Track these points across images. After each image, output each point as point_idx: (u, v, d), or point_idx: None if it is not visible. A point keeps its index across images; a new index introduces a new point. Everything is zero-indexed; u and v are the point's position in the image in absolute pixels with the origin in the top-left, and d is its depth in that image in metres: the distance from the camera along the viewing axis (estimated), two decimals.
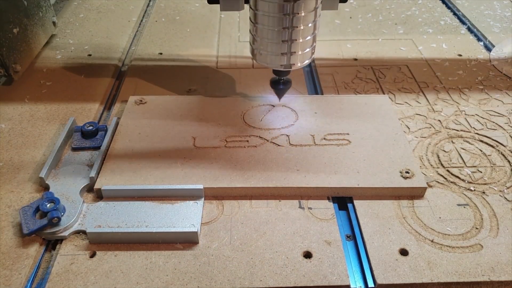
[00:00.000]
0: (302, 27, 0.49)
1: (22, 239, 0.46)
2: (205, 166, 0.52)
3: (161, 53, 0.79)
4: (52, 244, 0.46)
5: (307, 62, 0.54)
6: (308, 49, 0.52)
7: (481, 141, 0.58)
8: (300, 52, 0.52)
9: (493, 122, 0.61)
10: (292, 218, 0.48)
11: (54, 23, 0.82)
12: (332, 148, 0.55)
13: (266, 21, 0.50)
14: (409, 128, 0.60)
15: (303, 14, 0.48)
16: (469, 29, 0.87)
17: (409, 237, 0.45)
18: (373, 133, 0.57)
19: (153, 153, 0.54)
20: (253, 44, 0.53)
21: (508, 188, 0.51)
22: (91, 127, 0.57)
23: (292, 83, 0.59)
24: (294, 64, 0.52)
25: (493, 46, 0.80)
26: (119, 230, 0.45)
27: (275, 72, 0.56)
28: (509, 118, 0.62)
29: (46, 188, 0.51)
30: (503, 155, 0.56)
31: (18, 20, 0.70)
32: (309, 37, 0.51)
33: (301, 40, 0.50)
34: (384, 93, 0.68)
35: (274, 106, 0.62)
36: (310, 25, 0.50)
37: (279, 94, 0.60)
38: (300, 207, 0.49)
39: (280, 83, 0.58)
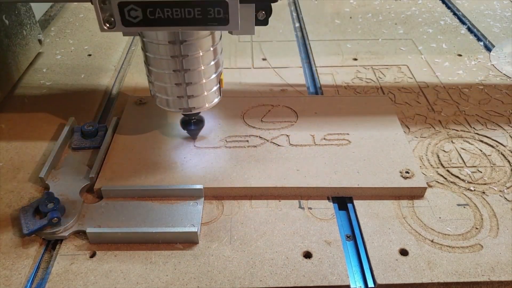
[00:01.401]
0: (198, 68, 0.46)
1: (22, 239, 0.46)
2: (205, 166, 0.52)
3: None
4: (52, 244, 0.46)
5: (213, 103, 0.50)
6: (211, 91, 0.49)
7: (481, 141, 0.58)
8: (200, 95, 0.48)
9: (493, 122, 0.61)
10: (292, 218, 0.48)
11: (40, 41, 0.77)
12: (332, 148, 0.55)
13: (156, 63, 0.46)
14: (409, 128, 0.60)
15: (197, 55, 0.45)
16: (469, 29, 0.87)
17: (409, 237, 0.45)
18: (373, 133, 0.57)
19: (153, 153, 0.54)
20: (151, 87, 0.50)
21: (508, 188, 0.51)
22: (91, 127, 0.57)
23: (292, 83, 0.59)
24: (194, 107, 0.49)
25: (493, 46, 0.80)
26: (119, 230, 0.45)
27: (185, 113, 0.52)
28: (509, 118, 0.62)
29: (46, 188, 0.51)
30: (503, 155, 0.56)
31: None
32: (211, 77, 0.47)
33: (197, 83, 0.47)
34: (384, 93, 0.68)
35: (273, 106, 0.62)
36: (208, 65, 0.46)
37: (193, 135, 0.56)
38: (300, 207, 0.49)
39: (191, 123, 0.54)
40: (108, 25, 0.39)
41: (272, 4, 0.44)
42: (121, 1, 0.38)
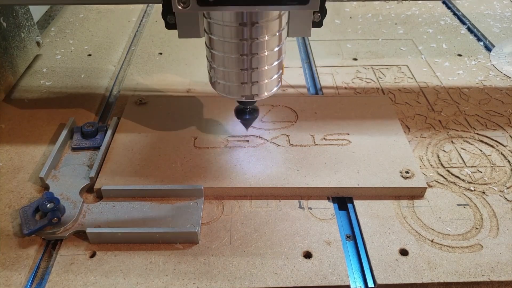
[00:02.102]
0: (264, 54, 0.44)
1: (22, 239, 0.46)
2: (205, 166, 0.52)
3: (161, 53, 0.79)
4: (52, 244, 0.46)
5: (273, 91, 0.48)
6: (274, 77, 0.47)
7: (481, 141, 0.58)
8: (263, 81, 0.46)
9: (493, 122, 0.61)
10: (292, 218, 0.48)
11: (38, 43, 0.76)
12: (332, 148, 0.55)
13: (222, 47, 0.44)
14: (409, 128, 0.60)
15: (265, 39, 0.43)
16: (469, 29, 0.87)
17: (409, 237, 0.45)
18: (373, 133, 0.57)
19: (153, 153, 0.54)
20: (211, 72, 0.48)
21: (508, 188, 0.51)
22: (91, 127, 0.57)
23: (292, 83, 0.59)
24: (257, 94, 0.47)
25: (493, 46, 0.80)
26: (119, 230, 0.45)
27: (240, 101, 0.51)
28: (509, 118, 0.62)
29: (46, 188, 0.51)
30: (503, 155, 0.56)
31: None
32: (273, 64, 0.46)
33: (263, 68, 0.45)
34: (384, 93, 0.68)
35: (273, 106, 0.62)
36: (274, 50, 0.44)
37: (246, 125, 0.55)
38: (300, 207, 0.49)
39: (245, 112, 0.52)
40: (182, 4, 0.38)
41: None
42: None
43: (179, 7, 0.37)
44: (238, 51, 0.43)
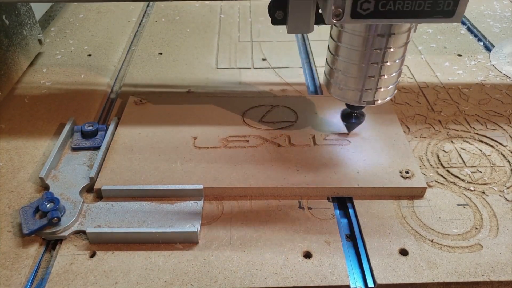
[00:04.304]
0: (391, 63, 0.46)
1: (22, 239, 0.46)
2: (205, 166, 0.52)
3: (161, 53, 0.79)
4: (52, 244, 0.46)
5: (389, 98, 0.50)
6: (392, 85, 0.48)
7: (481, 141, 0.58)
8: (384, 88, 0.48)
9: (493, 122, 0.61)
10: (292, 218, 0.48)
11: (40, 41, 0.76)
12: (332, 148, 0.55)
13: (351, 55, 0.45)
14: (409, 128, 0.60)
15: (397, 48, 0.45)
16: (469, 29, 0.87)
17: (409, 237, 0.45)
18: (373, 133, 0.57)
19: (153, 153, 0.54)
20: (331, 77, 0.49)
21: (508, 188, 0.51)
22: (91, 127, 0.57)
23: (292, 83, 0.59)
24: (377, 100, 0.49)
25: (493, 46, 0.80)
26: (119, 230, 0.45)
27: (349, 105, 0.52)
28: (509, 118, 0.62)
29: (46, 188, 0.51)
30: (503, 155, 0.56)
31: None
32: (395, 73, 0.48)
33: (388, 76, 0.47)
34: None
35: (274, 106, 0.62)
36: (398, 60, 0.46)
37: (350, 128, 0.56)
38: (300, 207, 0.49)
39: (352, 116, 0.54)
40: (336, 17, 0.39)
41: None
42: None
43: (333, 20, 0.39)
44: (369, 60, 0.45)
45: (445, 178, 0.53)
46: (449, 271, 0.42)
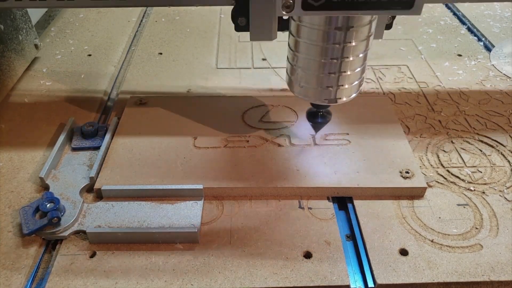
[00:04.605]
0: (353, 58, 0.43)
1: (22, 239, 0.46)
2: (205, 166, 0.52)
3: (161, 53, 0.79)
4: (52, 244, 0.46)
5: (353, 95, 0.48)
6: (356, 82, 0.46)
7: (481, 141, 0.58)
8: (348, 85, 0.46)
9: (493, 122, 0.61)
10: (292, 218, 0.48)
11: (36, 45, 0.75)
12: (332, 148, 0.55)
13: (310, 50, 0.43)
14: (409, 128, 0.60)
15: (357, 43, 0.42)
16: (469, 29, 0.87)
17: (409, 237, 0.45)
18: (373, 133, 0.57)
19: (153, 153, 0.54)
20: (292, 74, 0.47)
21: (508, 188, 0.51)
22: (91, 127, 0.57)
23: None
24: (340, 98, 0.46)
25: (493, 46, 0.80)
26: (119, 230, 0.45)
27: (314, 104, 0.50)
28: (509, 118, 0.62)
29: (46, 188, 0.51)
30: (503, 155, 0.56)
31: None
32: (359, 68, 0.45)
33: (350, 72, 0.44)
34: (384, 93, 0.68)
35: (274, 106, 0.62)
36: (361, 55, 0.44)
37: (316, 128, 0.54)
38: (300, 207, 0.49)
39: (318, 116, 0.52)
40: (286, 9, 0.37)
41: None
42: None
43: (283, 12, 0.37)
44: (328, 55, 0.43)
45: (445, 178, 0.53)
46: (449, 271, 0.42)
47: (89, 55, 0.79)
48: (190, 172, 0.52)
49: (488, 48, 0.80)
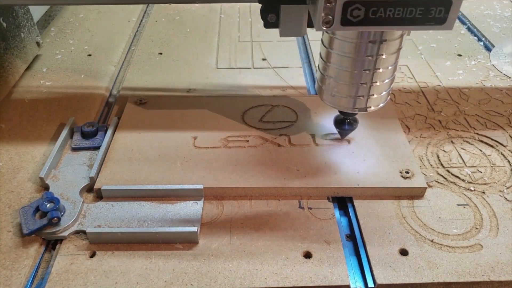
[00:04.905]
0: (384, 69, 0.45)
1: (22, 239, 0.46)
2: (205, 166, 0.52)
3: (161, 53, 0.79)
4: (52, 244, 0.46)
5: (382, 104, 0.49)
6: (385, 92, 0.48)
7: (481, 141, 0.58)
8: (377, 95, 0.47)
9: (493, 122, 0.61)
10: (292, 218, 0.48)
11: (38, 43, 0.75)
12: (332, 148, 0.55)
13: (343, 62, 0.45)
14: (409, 128, 0.60)
15: (389, 55, 0.44)
16: (469, 29, 0.87)
17: (409, 237, 0.45)
18: (373, 133, 0.57)
19: (153, 153, 0.54)
20: (323, 83, 0.49)
21: (508, 188, 0.51)
22: (91, 127, 0.57)
23: (292, 83, 0.59)
24: (370, 107, 0.48)
25: (493, 46, 0.80)
26: (119, 230, 0.45)
27: (342, 112, 0.51)
28: (509, 118, 0.62)
29: (46, 188, 0.51)
30: (503, 155, 0.56)
31: None
32: (388, 80, 0.47)
33: (380, 83, 0.46)
34: None
35: (274, 106, 0.62)
36: (391, 67, 0.46)
37: (343, 135, 0.56)
38: (300, 207, 0.49)
39: (345, 123, 0.53)
40: (326, 24, 0.38)
41: None
42: (347, 0, 0.37)
43: (324, 28, 0.38)
44: (362, 66, 0.44)
45: (445, 178, 0.53)
46: (449, 271, 0.42)
47: (89, 55, 0.79)
48: (190, 172, 0.52)
49: (488, 48, 0.80)
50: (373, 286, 0.42)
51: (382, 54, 0.44)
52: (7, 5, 0.66)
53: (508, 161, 0.55)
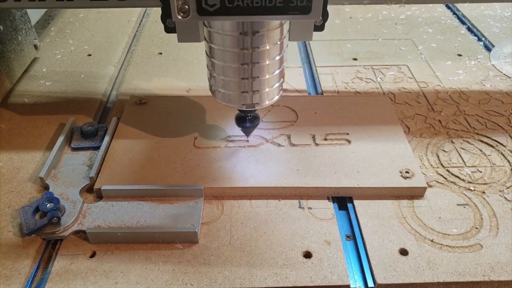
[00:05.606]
0: (265, 63, 0.44)
1: (22, 239, 0.46)
2: (205, 166, 0.52)
3: (161, 53, 0.79)
4: (52, 244, 0.46)
5: (275, 99, 0.48)
6: (275, 86, 0.47)
7: (481, 141, 0.58)
8: (265, 90, 0.46)
9: (493, 122, 0.61)
10: (292, 218, 0.48)
11: (35, 46, 0.74)
12: (332, 148, 0.55)
13: (222, 56, 0.43)
14: (409, 128, 0.60)
15: (266, 48, 0.42)
16: (469, 29, 0.87)
17: (409, 237, 0.45)
18: (373, 133, 0.57)
19: (153, 153, 0.54)
20: (211, 80, 0.48)
21: (508, 188, 0.51)
22: (91, 127, 0.57)
23: (293, 83, 0.59)
24: (257, 103, 0.47)
25: (493, 46, 0.80)
26: (119, 230, 0.45)
27: (240, 109, 0.50)
28: (508, 118, 0.62)
29: (46, 188, 0.51)
30: (503, 155, 0.56)
31: None
32: (275, 73, 0.45)
33: (263, 78, 0.45)
34: (384, 93, 0.68)
35: (273, 106, 0.62)
36: (275, 59, 0.44)
37: (246, 132, 0.54)
38: (300, 207, 0.49)
39: (246, 120, 0.52)
40: (182, 14, 0.37)
41: None
42: None
43: (179, 17, 0.37)
44: (238, 60, 0.43)
45: (445, 178, 0.53)
46: (449, 271, 0.42)
47: (89, 55, 0.79)
48: (190, 172, 0.52)
49: (488, 48, 0.80)
50: (373, 286, 0.42)
51: (258, 47, 0.42)
52: (4, 8, 0.66)
53: (508, 161, 0.55)
